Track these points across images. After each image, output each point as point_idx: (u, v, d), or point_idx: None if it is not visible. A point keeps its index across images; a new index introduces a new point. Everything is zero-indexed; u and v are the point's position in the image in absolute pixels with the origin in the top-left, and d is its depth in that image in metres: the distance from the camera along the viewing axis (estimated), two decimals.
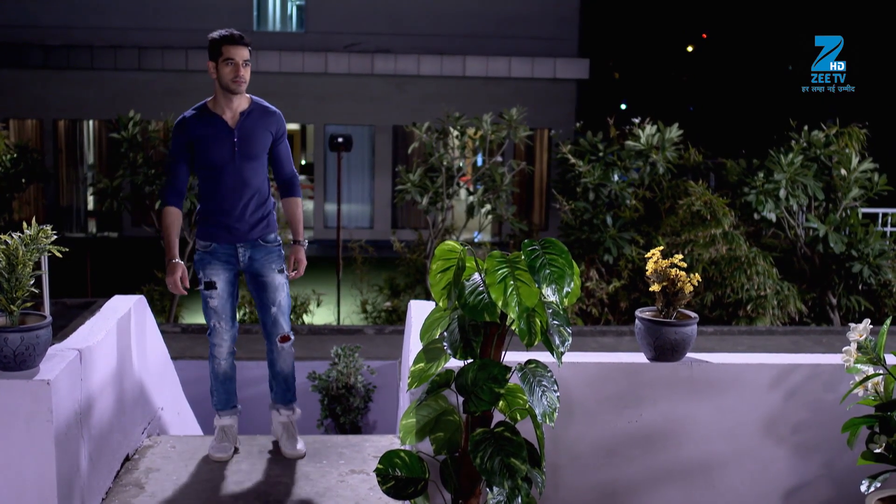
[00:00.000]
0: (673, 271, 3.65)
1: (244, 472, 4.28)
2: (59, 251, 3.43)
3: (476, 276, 3.08)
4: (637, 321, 3.72)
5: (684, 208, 11.38)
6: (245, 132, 4.27)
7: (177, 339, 10.21)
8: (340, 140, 12.28)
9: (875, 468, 3.45)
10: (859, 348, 3.39)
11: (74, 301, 10.72)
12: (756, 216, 11.46)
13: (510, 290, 2.97)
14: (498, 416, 3.43)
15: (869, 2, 25.64)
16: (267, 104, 4.41)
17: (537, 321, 3.03)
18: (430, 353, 3.25)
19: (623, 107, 36.66)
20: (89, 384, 3.71)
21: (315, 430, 7.77)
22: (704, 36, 36.86)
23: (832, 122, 12.41)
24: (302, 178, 21.54)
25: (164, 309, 11.76)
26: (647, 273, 3.67)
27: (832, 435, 3.70)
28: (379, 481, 3.25)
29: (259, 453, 4.53)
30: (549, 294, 3.00)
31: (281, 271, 4.41)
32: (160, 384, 5.00)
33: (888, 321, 3.48)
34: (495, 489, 3.03)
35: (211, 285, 4.32)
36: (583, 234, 11.25)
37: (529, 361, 3.15)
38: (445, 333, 3.15)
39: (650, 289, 3.69)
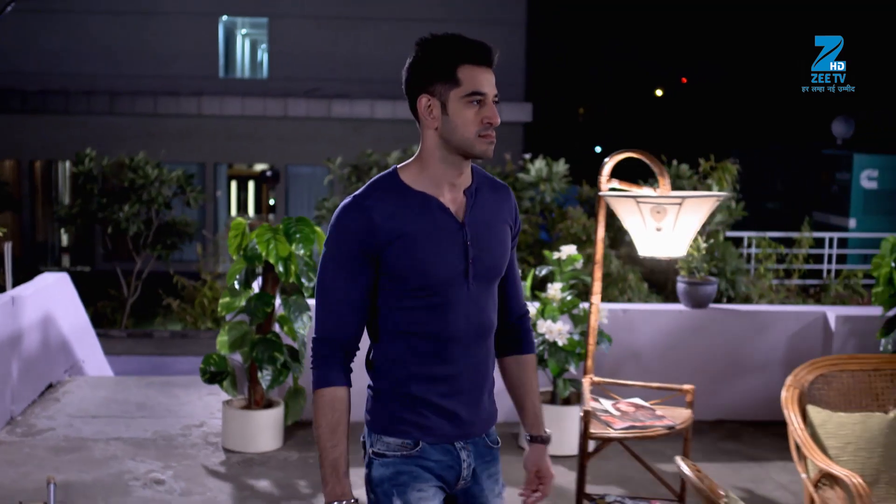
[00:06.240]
0: None
1: (132, 393, 6.11)
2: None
3: (253, 239, 4.93)
4: None
5: (564, 231, 13.31)
6: (479, 228, 2.25)
7: (123, 341, 12.03)
8: (269, 174, 14.15)
9: None
10: None
11: None
12: (628, 238, 13.41)
13: (271, 245, 4.83)
14: (287, 339, 5.25)
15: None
16: (489, 174, 2.36)
17: (291, 267, 4.88)
18: (233, 291, 5.09)
19: (598, 149, 38.47)
20: (19, 321, 5.53)
21: None
22: (685, 80, 38.55)
23: (706, 159, 14.41)
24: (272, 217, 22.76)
25: (116, 321, 13.53)
26: None
27: None
28: (201, 372, 5.07)
29: (148, 385, 6.34)
30: (298, 250, 4.87)
31: (500, 495, 2.37)
32: (82, 342, 6.80)
33: (533, 271, 5.32)
34: (264, 371, 4.87)
35: None
36: None
37: (291, 293, 5.00)
38: (238, 277, 5.00)
39: None
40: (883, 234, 5.54)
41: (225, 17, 23.50)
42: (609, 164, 3.77)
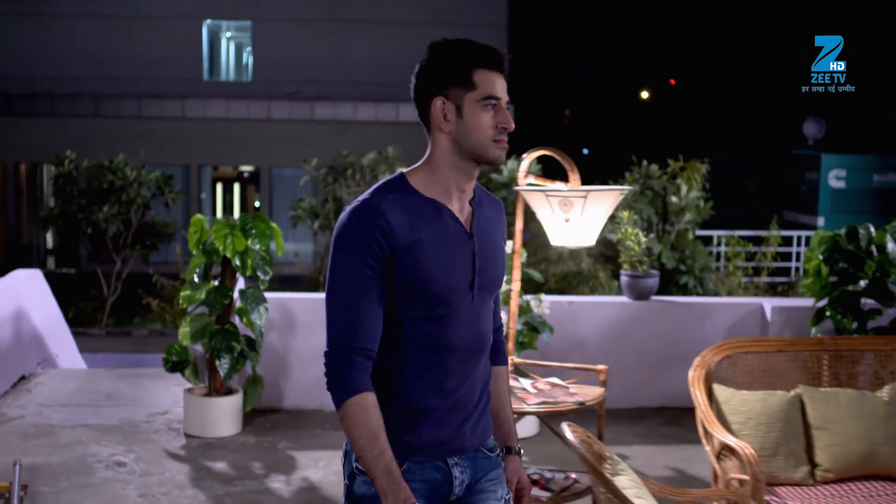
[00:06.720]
0: None
1: (101, 384, 6.37)
2: None
3: (212, 235, 5.20)
4: None
5: (534, 231, 13.61)
6: (484, 239, 2.24)
7: (103, 339, 12.30)
8: (246, 176, 14.40)
9: None
10: None
11: None
12: (600, 236, 13.73)
13: (228, 240, 5.10)
14: (245, 330, 5.52)
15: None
16: (483, 188, 2.33)
17: (248, 261, 5.16)
18: (194, 284, 5.36)
19: (585, 151, 38.75)
20: None
21: None
22: (673, 82, 38.80)
23: (675, 159, 14.75)
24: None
25: (97, 320, 13.77)
26: None
27: None
28: (164, 362, 5.33)
29: (118, 377, 6.60)
30: (254, 245, 5.14)
31: (502, 500, 2.33)
32: (55, 337, 7.05)
33: None
34: (222, 359, 5.15)
35: None
36: None
37: (248, 287, 5.27)
38: (198, 271, 5.27)
39: None
40: None
41: (209, 21, 23.67)
42: (526, 161, 4.06)
